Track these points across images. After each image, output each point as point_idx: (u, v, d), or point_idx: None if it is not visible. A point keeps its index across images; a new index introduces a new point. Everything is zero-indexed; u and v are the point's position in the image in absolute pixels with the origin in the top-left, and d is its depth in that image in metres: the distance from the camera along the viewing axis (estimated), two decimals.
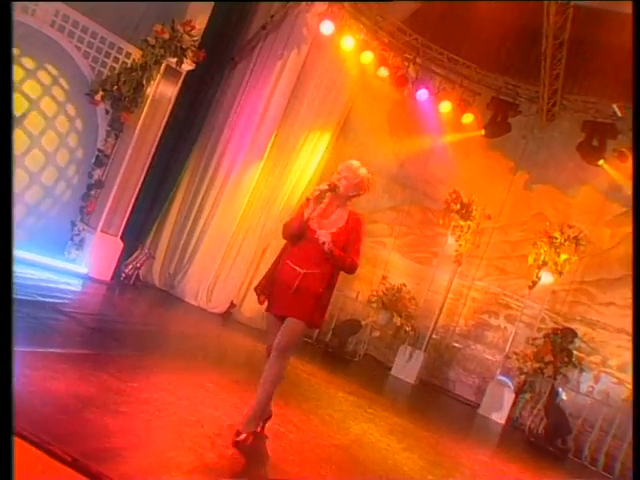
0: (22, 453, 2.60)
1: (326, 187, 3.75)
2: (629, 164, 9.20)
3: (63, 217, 7.12)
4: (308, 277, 3.66)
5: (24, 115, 6.31)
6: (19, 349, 3.67)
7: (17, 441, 2.64)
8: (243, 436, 3.53)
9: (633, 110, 3.59)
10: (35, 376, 3.34)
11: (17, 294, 5.02)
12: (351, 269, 3.77)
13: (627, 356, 9.47)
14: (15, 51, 6.01)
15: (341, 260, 3.70)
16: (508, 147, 10.29)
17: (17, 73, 6.17)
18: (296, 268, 3.68)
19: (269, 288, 3.81)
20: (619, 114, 9.13)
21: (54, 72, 6.54)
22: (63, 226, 7.13)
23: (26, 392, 3.05)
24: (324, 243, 3.59)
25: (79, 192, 7.13)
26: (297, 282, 3.65)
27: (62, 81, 6.74)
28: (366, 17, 8.78)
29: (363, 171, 3.92)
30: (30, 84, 6.38)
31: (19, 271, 5.82)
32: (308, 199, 3.73)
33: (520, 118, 9.97)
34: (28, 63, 6.33)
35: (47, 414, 2.98)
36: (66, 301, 5.85)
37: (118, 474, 2.71)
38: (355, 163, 3.92)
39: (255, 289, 3.97)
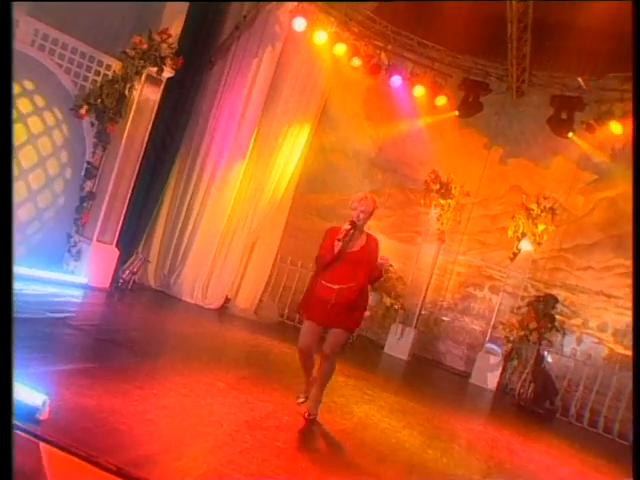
0: (72, 467, 2.93)
1: (349, 227, 4.51)
2: (597, 135, 9.61)
3: (58, 230, 7.32)
4: (342, 291, 4.48)
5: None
6: (48, 369, 4.01)
7: (66, 456, 2.97)
8: (313, 417, 4.65)
9: (633, 111, 3.96)
10: (67, 394, 3.64)
11: (27, 312, 5.31)
12: (373, 282, 4.77)
13: (606, 317, 10.01)
14: None
15: (379, 272, 4.67)
16: (481, 125, 10.63)
17: None
18: (331, 286, 4.49)
19: (309, 304, 4.71)
20: (584, 87, 9.51)
21: (30, 86, 6.66)
22: (59, 239, 7.34)
23: (64, 411, 3.35)
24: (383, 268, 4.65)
25: (72, 205, 7.33)
26: (333, 297, 4.48)
27: (39, 98, 6.85)
28: (336, 10, 8.97)
29: (369, 196, 4.69)
30: (18, 103, 6.53)
31: (22, 288, 6.07)
32: (338, 239, 4.47)
33: (491, 96, 10.30)
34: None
35: (86, 429, 3.29)
36: (74, 314, 6.12)
37: (156, 477, 3.06)
38: (362, 194, 4.69)
39: (299, 309, 5.04)
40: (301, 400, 4.86)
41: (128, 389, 4.15)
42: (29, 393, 3.23)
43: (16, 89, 6.47)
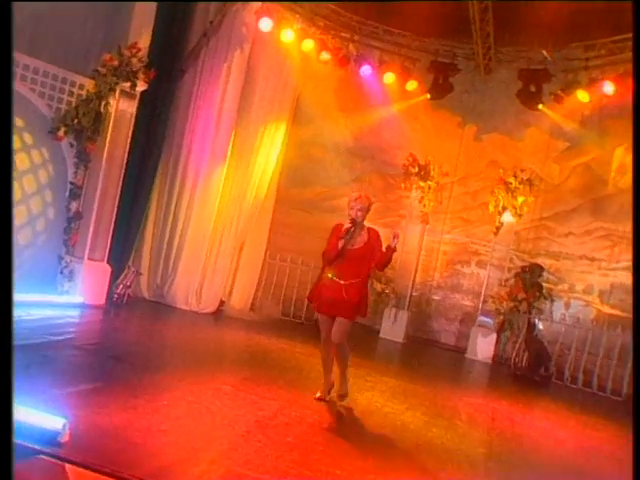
0: None
1: (350, 225, 4.94)
2: (565, 104, 9.84)
3: (49, 252, 7.40)
4: (349, 287, 4.96)
5: None
6: (60, 392, 4.15)
7: (92, 474, 3.13)
8: (345, 396, 5.22)
9: (633, 110, 4.07)
10: (82, 415, 3.78)
11: (30, 338, 5.43)
12: (384, 266, 5.25)
13: (590, 279, 10.31)
14: None
15: (387, 259, 5.05)
16: (454, 104, 10.81)
17: None
18: (338, 281, 4.98)
19: (319, 298, 5.16)
20: (549, 58, 9.73)
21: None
22: (51, 261, 7.43)
23: (82, 431, 3.50)
24: (395, 245, 5.00)
25: (60, 226, 7.41)
26: (342, 292, 4.95)
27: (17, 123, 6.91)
28: (301, 7, 9.07)
29: (364, 194, 5.14)
30: None
31: (21, 314, 6.17)
32: (340, 237, 4.93)
33: (460, 76, 10.50)
34: None
35: (105, 446, 3.45)
36: (75, 334, 6.25)
37: None
38: (356, 194, 5.15)
39: (308, 298, 5.55)
40: (318, 396, 5.21)
41: (139, 403, 4.30)
42: (48, 418, 3.37)
43: None
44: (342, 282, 4.97)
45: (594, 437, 6.15)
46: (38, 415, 3.37)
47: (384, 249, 5.02)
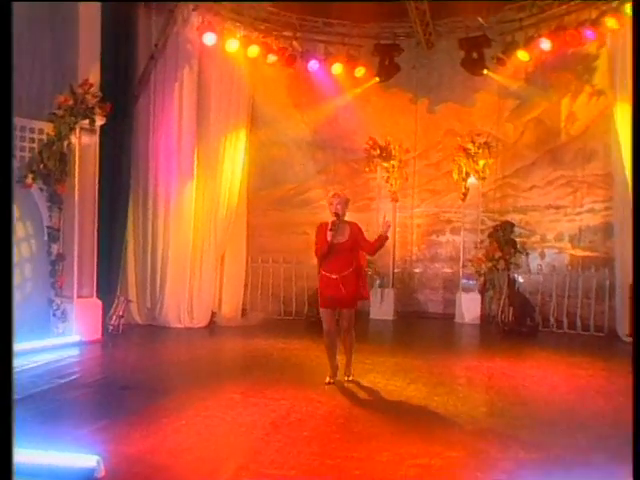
0: None
1: (335, 219, 5.47)
2: (508, 65, 10.17)
3: (39, 297, 7.53)
4: (345, 278, 5.47)
5: None
6: (83, 432, 4.37)
7: None
8: (351, 377, 5.87)
9: (633, 110, 4.29)
10: (111, 448, 4.01)
11: (38, 386, 5.61)
12: (377, 251, 5.76)
13: (559, 227, 10.78)
14: None
15: (379, 246, 5.58)
16: (403, 82, 11.12)
17: None
18: (334, 276, 5.48)
19: (320, 293, 5.71)
20: (485, 24, 10.06)
21: None
22: (42, 305, 7.54)
23: (115, 463, 3.74)
24: (387, 230, 5.55)
25: (45, 270, 7.54)
26: (337, 285, 5.46)
27: None
28: (240, 15, 9.21)
29: (339, 192, 5.76)
30: None
31: (23, 363, 6.31)
32: (329, 229, 5.45)
33: (405, 54, 10.80)
34: None
35: (138, 474, 3.69)
36: (80, 373, 6.40)
37: None
38: (332, 192, 5.75)
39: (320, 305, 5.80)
40: (328, 380, 5.71)
41: (159, 427, 4.55)
42: (80, 457, 3.60)
43: None
44: (335, 276, 5.47)
45: (583, 376, 6.56)
46: (70, 456, 3.60)
47: (377, 236, 5.52)
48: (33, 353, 6.79)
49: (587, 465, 3.79)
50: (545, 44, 9.37)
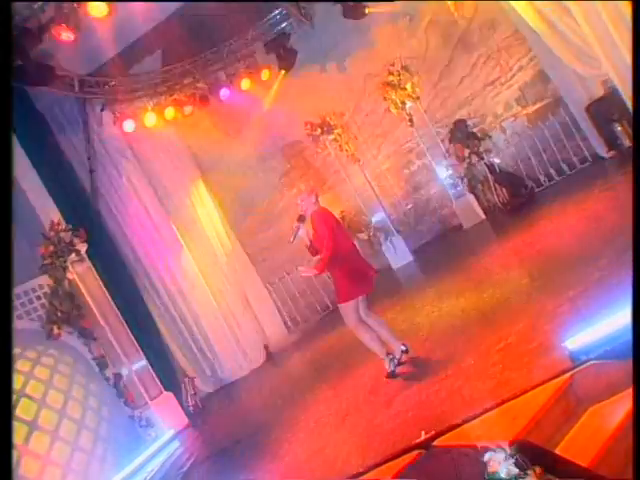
0: None
1: (297, 223, 5.40)
2: None
3: (120, 422, 7.92)
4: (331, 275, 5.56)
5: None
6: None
7: None
8: (406, 347, 5.49)
9: (633, 111, 4.54)
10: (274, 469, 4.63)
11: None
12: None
13: (502, 98, 11.26)
14: None
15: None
16: (306, 60, 11.40)
17: None
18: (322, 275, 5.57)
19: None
20: None
21: None
22: (127, 427, 7.98)
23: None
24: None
25: (112, 395, 8.00)
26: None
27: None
28: (135, 91, 9.56)
29: (303, 189, 5.69)
30: None
31: (145, 477, 6.87)
32: (290, 240, 5.48)
33: (294, 38, 11.11)
34: None
35: None
36: (192, 460, 6.75)
37: None
38: (301, 195, 5.74)
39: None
40: (388, 370, 5.45)
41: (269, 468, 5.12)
42: None
43: None
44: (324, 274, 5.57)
45: (588, 208, 7.05)
46: None
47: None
48: (145, 465, 7.29)
49: None
50: None
